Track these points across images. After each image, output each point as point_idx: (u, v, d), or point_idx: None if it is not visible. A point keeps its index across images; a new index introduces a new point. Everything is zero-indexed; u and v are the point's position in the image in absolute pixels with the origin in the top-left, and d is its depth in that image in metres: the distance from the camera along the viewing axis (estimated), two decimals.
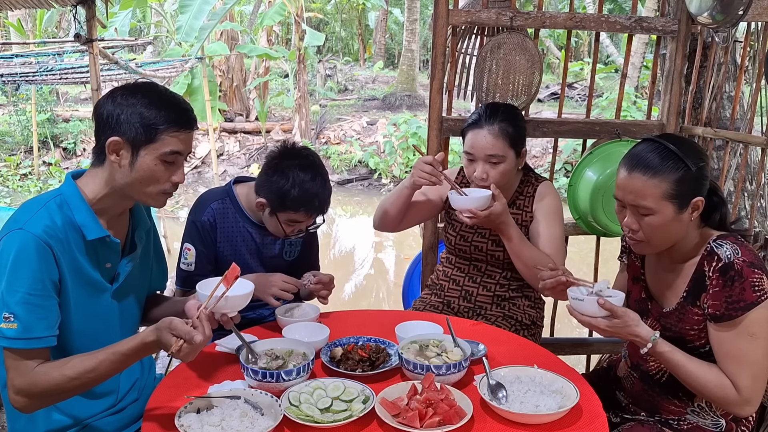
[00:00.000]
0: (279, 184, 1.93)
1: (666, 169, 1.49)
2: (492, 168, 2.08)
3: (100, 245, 1.50)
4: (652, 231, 1.53)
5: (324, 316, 1.98)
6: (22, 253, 1.36)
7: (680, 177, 1.49)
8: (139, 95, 1.46)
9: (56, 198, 1.47)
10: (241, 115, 14.43)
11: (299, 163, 1.95)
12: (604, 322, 1.51)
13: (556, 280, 1.67)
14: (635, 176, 1.52)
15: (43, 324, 1.38)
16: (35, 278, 1.36)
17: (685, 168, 1.49)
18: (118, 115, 1.44)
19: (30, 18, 15.50)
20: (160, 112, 1.45)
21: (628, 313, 1.52)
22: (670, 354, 1.53)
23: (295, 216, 1.97)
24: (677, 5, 2.65)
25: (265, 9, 14.20)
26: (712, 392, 1.51)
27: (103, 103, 1.47)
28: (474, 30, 2.81)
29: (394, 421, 1.36)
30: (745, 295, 1.45)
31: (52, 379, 1.37)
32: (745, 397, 1.48)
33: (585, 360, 3.14)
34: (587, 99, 2.89)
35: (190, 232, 2.08)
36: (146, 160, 1.45)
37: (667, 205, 1.50)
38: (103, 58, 5.54)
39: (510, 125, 2.09)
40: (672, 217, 1.51)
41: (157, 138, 1.45)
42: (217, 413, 1.38)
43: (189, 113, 1.51)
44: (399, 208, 2.21)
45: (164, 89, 1.53)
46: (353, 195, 11.74)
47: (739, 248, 1.49)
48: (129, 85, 1.51)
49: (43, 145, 12.50)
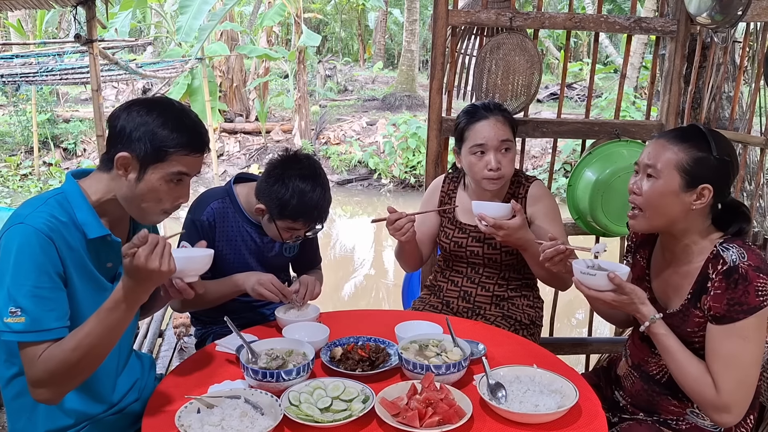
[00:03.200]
0: (279, 193, 1.93)
1: (690, 144, 1.52)
2: (503, 156, 2.10)
3: (101, 244, 1.50)
4: (651, 197, 1.55)
5: (324, 316, 1.99)
6: (24, 246, 1.35)
7: (700, 157, 1.51)
8: (155, 113, 1.45)
9: (57, 196, 1.47)
10: (241, 115, 14.44)
11: (300, 173, 1.94)
12: (611, 296, 1.54)
13: (555, 249, 1.73)
14: (660, 141, 1.57)
15: (53, 315, 1.37)
16: (41, 270, 1.35)
17: (707, 151, 1.51)
18: (131, 131, 1.43)
19: (30, 18, 15.51)
20: (173, 134, 1.44)
21: (635, 290, 1.55)
22: (663, 337, 1.55)
23: (293, 224, 1.98)
24: (676, 6, 2.65)
25: (264, 9, 14.21)
26: (691, 386, 1.52)
27: (119, 115, 1.47)
28: (473, 30, 2.82)
29: (394, 421, 1.36)
30: (749, 299, 1.44)
31: (56, 357, 1.35)
32: (724, 400, 1.47)
33: (584, 360, 3.14)
34: (586, 99, 2.90)
35: (188, 230, 2.09)
36: (152, 178, 1.45)
37: (674, 176, 1.52)
38: (104, 58, 5.55)
39: (507, 114, 2.17)
40: (674, 191, 1.52)
41: (167, 159, 1.44)
42: (217, 413, 1.38)
43: (202, 137, 1.50)
44: (413, 256, 2.29)
45: (181, 108, 1.52)
46: (353, 195, 11.75)
47: (746, 252, 1.48)
48: (148, 100, 1.50)
49: (44, 145, 12.51)
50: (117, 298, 1.36)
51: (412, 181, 11.60)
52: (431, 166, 2.74)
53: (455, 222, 2.28)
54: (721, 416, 1.49)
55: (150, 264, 1.31)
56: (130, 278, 1.34)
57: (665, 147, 1.54)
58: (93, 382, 1.53)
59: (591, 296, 1.58)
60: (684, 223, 1.56)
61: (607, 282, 1.53)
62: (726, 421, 1.51)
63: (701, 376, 1.50)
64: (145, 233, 1.33)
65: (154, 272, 1.32)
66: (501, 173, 2.09)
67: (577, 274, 1.58)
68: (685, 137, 1.54)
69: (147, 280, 1.34)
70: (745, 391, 1.49)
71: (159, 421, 1.41)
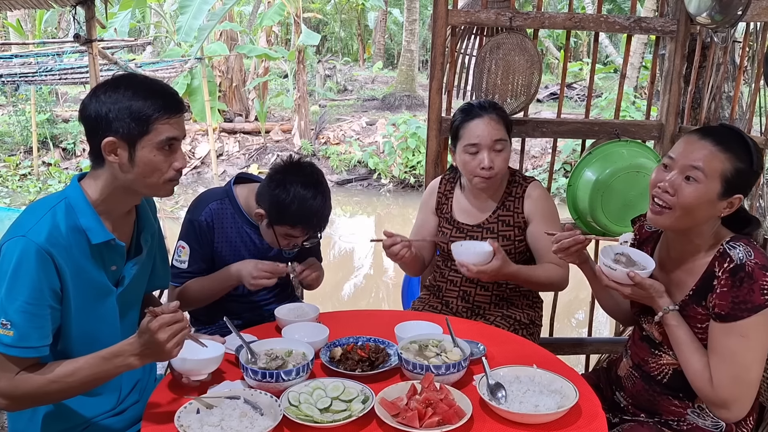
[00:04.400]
0: (279, 197, 1.92)
1: (736, 153, 1.50)
2: (497, 156, 2.10)
3: (105, 249, 1.49)
4: (686, 200, 1.50)
5: (324, 316, 1.98)
6: (23, 261, 1.36)
7: (742, 168, 1.50)
8: (122, 89, 1.43)
9: (61, 202, 1.46)
10: (241, 115, 14.43)
11: (302, 180, 1.94)
12: (629, 290, 1.58)
13: (574, 239, 1.69)
14: (707, 143, 1.51)
15: (38, 333, 1.37)
16: (34, 287, 1.36)
17: (749, 162, 1.50)
18: (107, 113, 1.41)
19: (29, 18, 15.50)
20: (147, 101, 1.42)
21: (654, 285, 1.57)
22: (674, 328, 1.56)
23: (291, 231, 1.97)
24: (676, 5, 2.65)
25: (264, 9, 14.21)
26: (691, 378, 1.54)
27: (88, 104, 1.44)
28: (473, 30, 2.81)
29: (394, 421, 1.36)
30: (754, 297, 1.44)
31: (33, 382, 1.37)
32: (719, 395, 1.48)
33: (584, 360, 3.14)
34: (586, 99, 2.90)
35: (186, 230, 2.08)
36: (144, 153, 1.44)
37: (716, 184, 1.49)
38: (103, 58, 5.55)
39: (502, 112, 2.17)
40: (712, 199, 1.50)
41: (151, 128, 1.43)
42: (216, 413, 1.38)
43: (175, 97, 1.49)
44: (413, 267, 2.35)
45: (144, 77, 1.52)
46: (353, 195, 11.74)
47: (752, 251, 1.48)
48: (109, 80, 1.48)
49: (43, 145, 12.49)
50: (116, 351, 1.37)
51: (412, 181, 11.59)
52: (431, 166, 2.74)
53: (453, 222, 2.28)
54: (720, 411, 1.52)
55: (159, 334, 1.32)
56: (138, 338, 1.35)
57: (714, 152, 1.49)
58: None
59: (610, 286, 1.60)
60: (706, 226, 1.56)
61: (627, 278, 1.56)
62: (725, 417, 1.53)
63: (701, 369, 1.51)
64: (176, 305, 1.35)
65: (156, 343, 1.33)
66: (493, 172, 2.10)
67: (601, 263, 1.61)
68: (731, 145, 1.50)
69: (147, 347, 1.35)
70: (743, 389, 1.49)
71: (159, 422, 1.41)
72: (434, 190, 2.38)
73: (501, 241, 2.17)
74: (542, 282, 2.14)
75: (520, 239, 2.19)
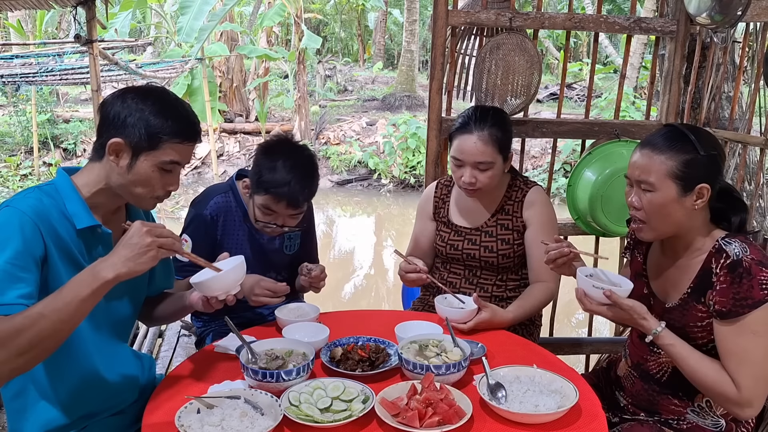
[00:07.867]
0: (262, 164, 1.95)
1: (675, 149, 1.51)
2: (480, 173, 2.07)
3: (90, 235, 1.49)
4: (652, 210, 1.54)
5: (324, 316, 1.98)
6: (7, 225, 1.34)
7: (688, 159, 1.50)
8: (150, 101, 1.46)
9: (47, 187, 1.46)
10: (241, 115, 14.44)
11: (289, 150, 1.97)
12: (610, 313, 1.55)
13: (559, 251, 1.70)
14: (645, 152, 1.55)
15: (16, 292, 1.29)
16: (17, 250, 1.32)
17: (694, 151, 1.51)
18: (125, 117, 1.44)
19: (30, 19, 15.51)
20: (167, 122, 1.45)
21: (634, 306, 1.54)
22: (672, 347, 1.55)
23: (266, 201, 1.96)
24: (676, 6, 2.65)
25: (264, 10, 14.21)
26: (711, 388, 1.51)
27: (112, 102, 1.47)
28: (473, 30, 2.82)
29: (394, 421, 1.36)
30: (753, 293, 1.45)
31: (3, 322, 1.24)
32: (745, 396, 1.47)
33: (584, 360, 3.14)
34: (586, 99, 2.90)
35: (190, 223, 2.10)
36: (144, 166, 1.46)
37: (670, 185, 1.51)
38: (103, 58, 5.55)
39: (499, 130, 2.07)
40: (674, 198, 1.52)
41: (160, 146, 1.45)
42: (217, 413, 1.38)
43: (195, 126, 1.52)
44: None
45: (176, 98, 1.54)
46: (353, 195, 11.75)
47: (748, 247, 1.49)
48: (142, 88, 1.51)
49: (44, 145, 12.50)
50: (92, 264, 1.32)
51: (412, 182, 11.60)
52: (431, 166, 2.74)
53: (450, 225, 2.28)
54: (744, 411, 1.50)
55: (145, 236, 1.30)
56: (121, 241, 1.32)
57: (651, 157, 1.53)
58: (93, 382, 1.53)
59: (593, 311, 1.58)
60: (689, 223, 1.57)
61: (603, 297, 1.53)
62: (749, 414, 1.52)
63: (720, 376, 1.49)
64: None
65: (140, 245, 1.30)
66: (476, 187, 2.09)
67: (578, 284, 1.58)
68: (669, 142, 1.53)
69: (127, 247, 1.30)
70: (764, 386, 1.50)
71: (159, 422, 1.41)
72: (430, 196, 2.37)
73: (500, 245, 2.17)
74: (536, 308, 2.15)
75: (519, 243, 2.19)
